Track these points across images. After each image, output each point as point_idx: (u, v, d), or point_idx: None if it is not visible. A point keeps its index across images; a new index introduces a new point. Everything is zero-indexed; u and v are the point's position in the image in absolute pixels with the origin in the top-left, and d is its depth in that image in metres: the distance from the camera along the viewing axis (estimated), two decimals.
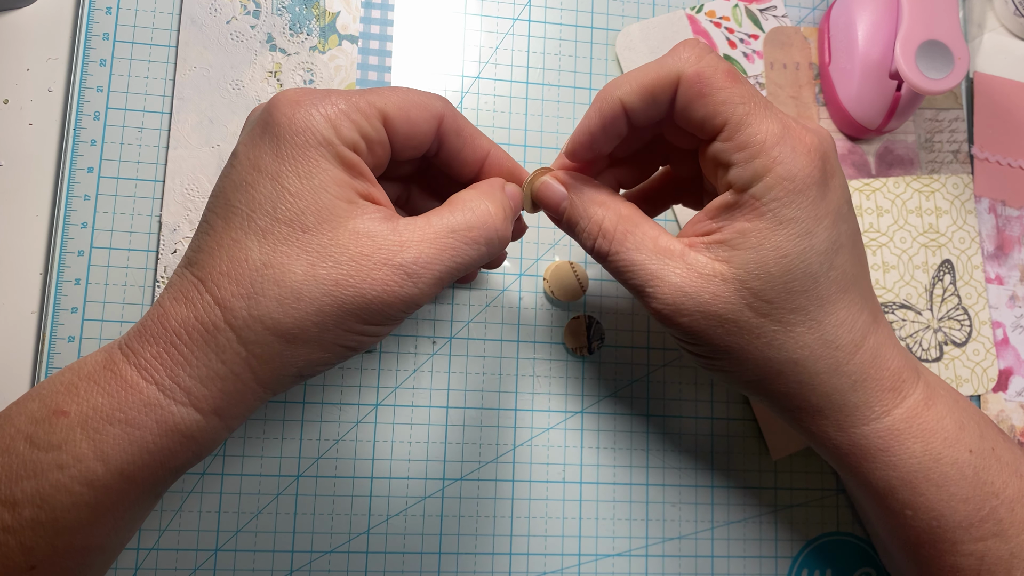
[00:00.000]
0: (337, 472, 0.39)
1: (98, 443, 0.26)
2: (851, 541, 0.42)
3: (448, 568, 0.39)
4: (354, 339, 0.29)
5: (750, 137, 0.29)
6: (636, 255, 0.30)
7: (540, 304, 0.41)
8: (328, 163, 0.28)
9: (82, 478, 0.26)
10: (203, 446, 0.28)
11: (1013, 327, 0.44)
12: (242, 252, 0.27)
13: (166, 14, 0.40)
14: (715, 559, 0.41)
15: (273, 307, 0.27)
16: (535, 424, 0.40)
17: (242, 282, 0.27)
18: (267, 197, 0.28)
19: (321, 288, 0.27)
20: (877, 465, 0.32)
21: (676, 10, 0.45)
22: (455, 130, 0.32)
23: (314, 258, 0.27)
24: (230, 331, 0.27)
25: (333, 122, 0.28)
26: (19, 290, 0.38)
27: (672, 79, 0.29)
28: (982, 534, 0.31)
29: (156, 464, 0.27)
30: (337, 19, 0.41)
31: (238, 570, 0.37)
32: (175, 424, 0.27)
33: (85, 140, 0.39)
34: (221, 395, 0.27)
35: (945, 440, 0.32)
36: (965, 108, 0.46)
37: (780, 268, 0.29)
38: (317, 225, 0.27)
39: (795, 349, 0.30)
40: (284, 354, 0.27)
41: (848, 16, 0.43)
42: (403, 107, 0.30)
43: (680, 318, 0.30)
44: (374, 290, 0.27)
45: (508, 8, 0.44)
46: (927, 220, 0.44)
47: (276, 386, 0.29)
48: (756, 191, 0.29)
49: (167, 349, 0.27)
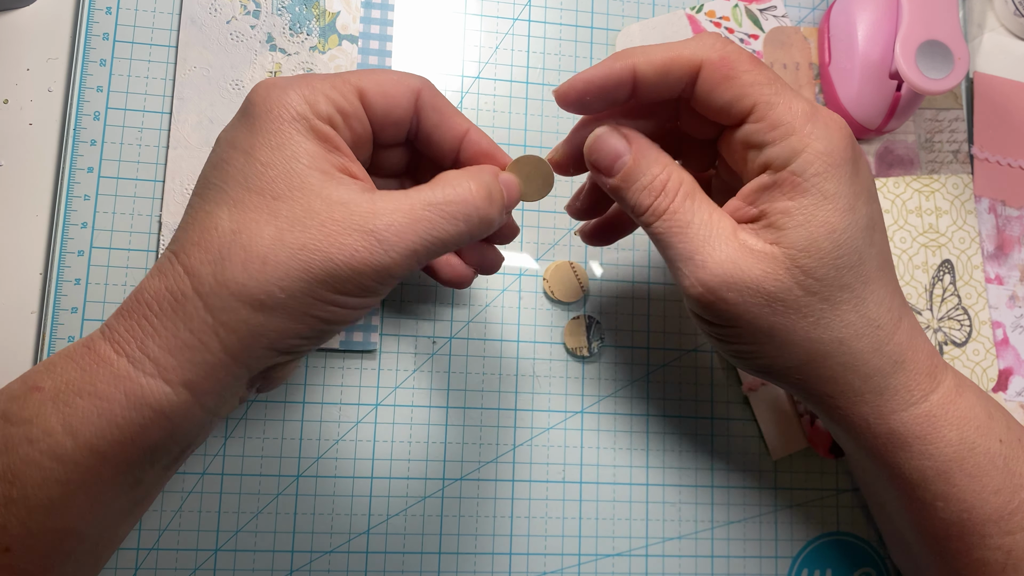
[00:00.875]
0: (337, 472, 0.39)
1: (67, 416, 0.26)
2: (851, 541, 0.42)
3: (448, 568, 0.39)
4: (327, 310, 0.28)
5: (782, 115, 0.29)
6: (692, 218, 0.30)
7: (540, 304, 0.41)
8: (302, 136, 0.28)
9: (51, 452, 0.26)
10: (176, 424, 0.27)
11: (1013, 327, 0.44)
12: (212, 221, 0.27)
13: (166, 14, 0.40)
14: (715, 559, 0.41)
15: (239, 271, 0.26)
16: (535, 424, 0.40)
17: (211, 249, 0.27)
18: (239, 170, 0.28)
19: (288, 252, 0.26)
20: (912, 454, 0.31)
21: (676, 10, 0.45)
22: (432, 106, 0.31)
23: (283, 223, 0.27)
24: (197, 298, 0.27)
25: (308, 98, 0.28)
26: (19, 290, 0.38)
27: (693, 62, 0.29)
28: (1011, 527, 0.31)
29: (126, 440, 0.26)
30: (337, 19, 0.41)
31: (238, 570, 0.37)
32: (143, 396, 0.26)
33: (85, 140, 0.39)
34: (190, 366, 0.27)
35: (978, 428, 0.31)
36: (965, 108, 0.46)
37: (830, 243, 0.29)
38: (288, 192, 0.27)
39: (840, 328, 0.30)
40: (251, 322, 0.27)
41: (848, 16, 0.43)
42: (379, 83, 0.30)
43: (727, 292, 0.29)
44: (342, 255, 0.27)
45: (508, 8, 0.44)
46: (927, 220, 0.44)
47: (248, 360, 0.28)
48: (796, 167, 0.28)
49: (139, 321, 0.27)
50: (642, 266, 0.43)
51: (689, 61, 0.29)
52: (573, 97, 0.31)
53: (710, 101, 0.30)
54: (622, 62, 0.30)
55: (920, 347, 0.32)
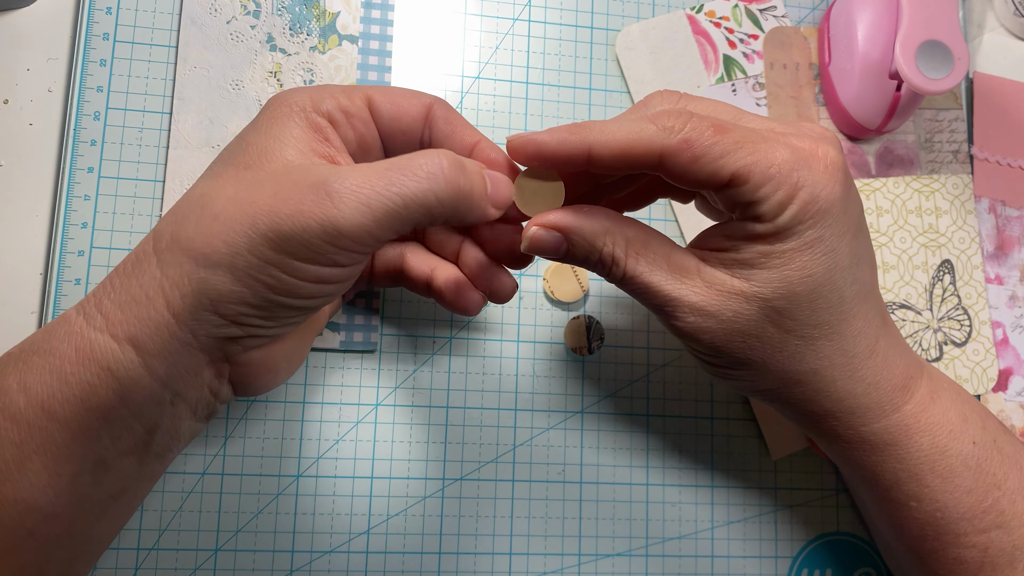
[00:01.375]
0: (337, 472, 0.39)
1: (23, 373, 0.26)
2: (851, 541, 0.42)
3: (448, 568, 0.39)
4: (271, 273, 0.26)
5: (765, 172, 0.28)
6: (650, 277, 0.30)
7: (540, 304, 0.41)
8: (294, 123, 0.29)
9: (5, 411, 0.26)
10: (126, 387, 0.27)
11: (1013, 327, 0.44)
12: (190, 192, 0.29)
13: (166, 14, 0.40)
14: (715, 559, 0.41)
15: (192, 227, 0.27)
16: (535, 424, 0.40)
17: (177, 212, 0.28)
18: (228, 151, 0.29)
19: (238, 207, 0.26)
20: (885, 458, 0.32)
21: (676, 10, 0.45)
22: (444, 118, 0.32)
23: (243, 186, 0.27)
24: (153, 255, 0.27)
25: (313, 97, 0.29)
26: (19, 290, 0.38)
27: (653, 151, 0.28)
28: (985, 525, 0.32)
29: (76, 400, 0.26)
30: (337, 19, 0.41)
31: (238, 570, 0.37)
32: (91, 351, 0.26)
33: (85, 140, 0.39)
34: (135, 321, 0.26)
35: (951, 433, 0.32)
36: (965, 108, 0.46)
37: (806, 288, 0.29)
38: (258, 162, 0.28)
39: (815, 360, 0.30)
40: (193, 277, 0.26)
41: (848, 16, 0.43)
42: (390, 93, 0.31)
43: (701, 336, 0.30)
44: (287, 207, 0.26)
45: (508, 8, 0.44)
46: (927, 220, 0.44)
47: (192, 323, 0.27)
48: (781, 221, 0.28)
49: (104, 284, 0.28)
50: None
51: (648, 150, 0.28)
52: (522, 155, 0.30)
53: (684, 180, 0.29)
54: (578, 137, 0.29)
55: (895, 364, 0.32)
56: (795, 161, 0.28)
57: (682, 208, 0.43)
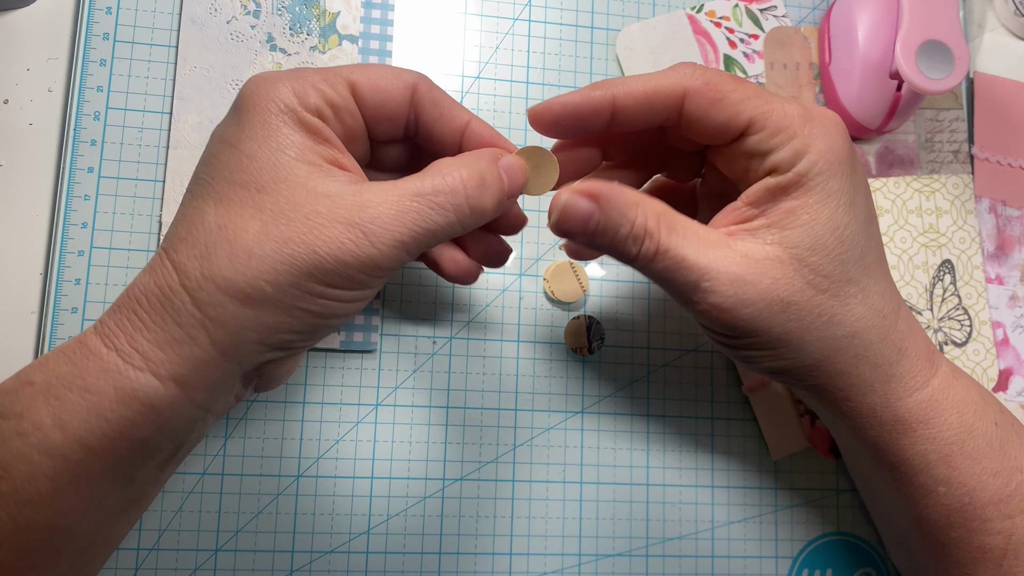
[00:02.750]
0: (337, 472, 0.39)
1: (57, 410, 0.26)
2: (851, 541, 0.42)
3: (448, 568, 0.39)
4: (317, 303, 0.27)
5: (780, 121, 0.29)
6: (685, 250, 0.29)
7: (540, 304, 0.41)
8: (289, 128, 0.28)
9: (40, 446, 0.26)
10: (166, 419, 0.27)
11: (1013, 327, 0.44)
12: (199, 216, 0.27)
13: (166, 14, 0.40)
14: (715, 559, 0.41)
15: (225, 266, 0.26)
16: (535, 424, 0.40)
17: (197, 244, 0.27)
18: (225, 163, 0.28)
19: (273, 245, 0.26)
20: (916, 439, 0.31)
21: (676, 10, 0.45)
22: (430, 100, 0.31)
23: (268, 216, 0.27)
24: (184, 293, 0.27)
25: (297, 91, 0.28)
26: (19, 290, 0.38)
27: (676, 91, 0.29)
28: (1010, 511, 0.31)
29: (115, 434, 0.26)
30: (337, 19, 0.41)
31: (238, 570, 0.37)
32: (133, 390, 0.26)
33: (85, 140, 0.39)
34: (179, 360, 0.27)
35: (976, 411, 0.32)
36: (965, 108, 0.46)
37: (835, 239, 0.29)
38: (272, 184, 0.27)
39: (852, 322, 0.30)
40: (239, 316, 0.27)
41: (848, 16, 0.43)
42: (372, 77, 0.30)
43: (743, 309, 0.29)
44: (326, 247, 0.26)
45: (508, 8, 0.44)
46: (927, 220, 0.44)
47: (237, 355, 0.27)
48: (801, 167, 0.29)
49: (128, 316, 0.27)
50: None
51: (671, 91, 0.29)
52: (548, 120, 0.30)
53: (702, 125, 0.29)
54: (601, 92, 0.29)
55: (918, 334, 0.32)
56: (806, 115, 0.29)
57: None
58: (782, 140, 0.29)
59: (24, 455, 0.26)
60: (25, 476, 0.26)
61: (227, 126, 0.29)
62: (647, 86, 0.29)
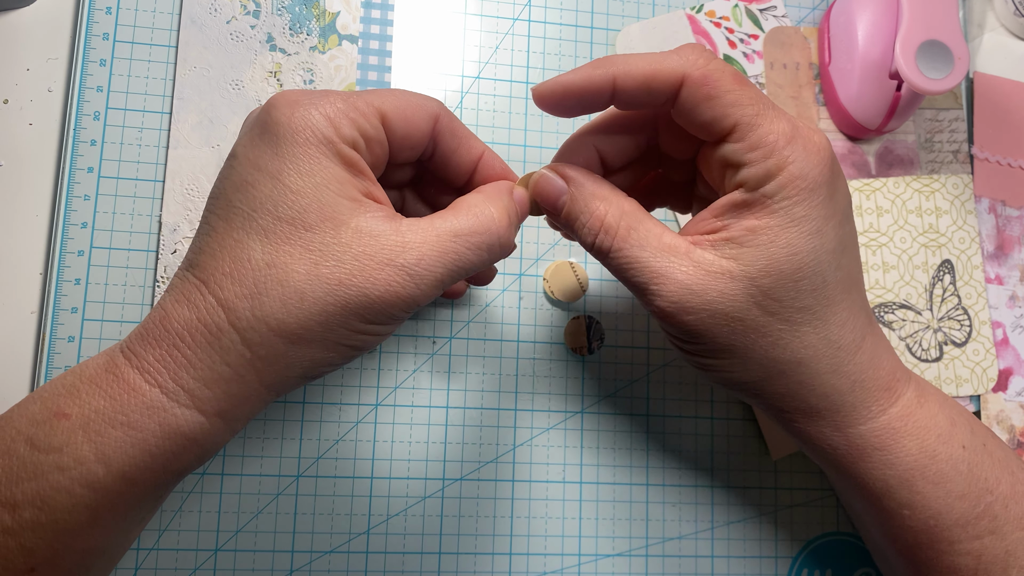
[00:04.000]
0: (337, 472, 0.39)
1: (100, 446, 0.26)
2: (851, 541, 0.42)
3: (448, 568, 0.39)
4: (358, 339, 0.28)
5: (762, 137, 0.28)
6: (640, 252, 0.30)
7: (540, 304, 0.41)
8: (329, 161, 0.28)
9: (83, 480, 0.26)
10: (206, 449, 0.28)
11: (1013, 327, 0.44)
12: (244, 252, 0.27)
13: (166, 14, 0.40)
14: (715, 559, 0.41)
15: (277, 307, 0.27)
16: (535, 424, 0.40)
17: (245, 283, 0.27)
18: (268, 196, 0.27)
19: (325, 287, 0.27)
20: (873, 464, 0.31)
21: (676, 10, 0.45)
22: (450, 131, 0.32)
23: (317, 257, 0.27)
24: (234, 332, 0.27)
25: (333, 121, 0.28)
26: (19, 290, 0.38)
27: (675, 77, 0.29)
28: (979, 532, 0.31)
29: (158, 467, 0.27)
30: (337, 19, 0.41)
31: (238, 570, 0.37)
32: (178, 427, 0.27)
33: (85, 140, 0.39)
34: (225, 397, 0.27)
35: (939, 437, 0.32)
36: (965, 108, 0.46)
37: (791, 265, 0.29)
38: (320, 223, 0.27)
39: (800, 349, 0.30)
40: (288, 355, 0.27)
41: (848, 16, 0.43)
42: (400, 107, 0.30)
43: (685, 316, 0.29)
44: (377, 290, 0.27)
45: (508, 8, 0.44)
46: (927, 220, 0.44)
47: (280, 388, 0.28)
48: (768, 189, 0.28)
49: (170, 352, 0.27)
50: None
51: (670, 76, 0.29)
52: (550, 99, 0.31)
53: (691, 117, 0.30)
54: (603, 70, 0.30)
55: (881, 364, 0.32)
56: (791, 136, 0.29)
57: None
58: (758, 156, 0.29)
59: (65, 489, 0.26)
60: (66, 508, 0.26)
61: (261, 152, 0.28)
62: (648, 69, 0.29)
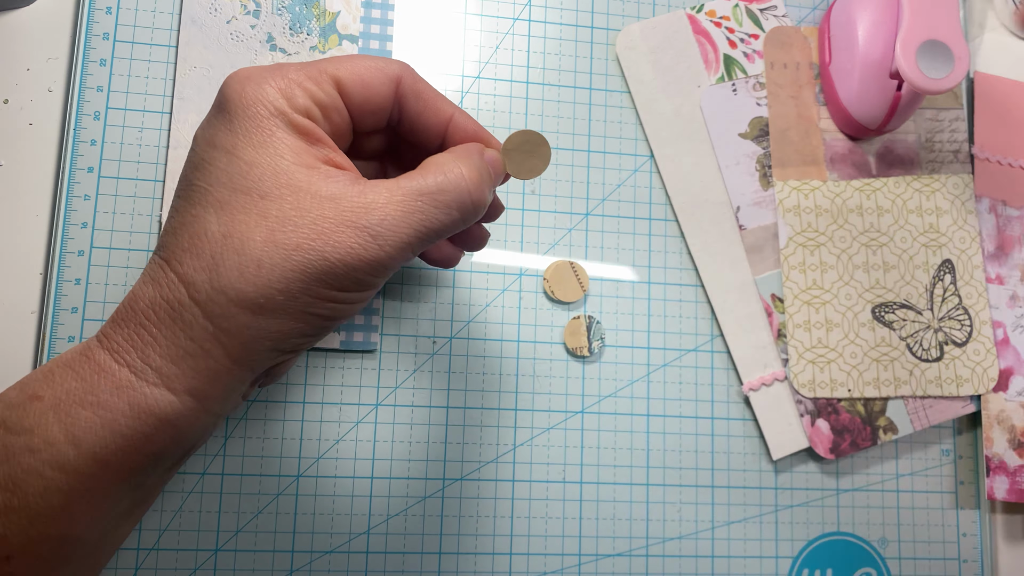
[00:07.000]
0: (337, 472, 0.39)
1: (69, 426, 0.26)
2: (851, 541, 0.42)
3: (448, 568, 0.39)
4: (327, 307, 0.28)
5: None
6: None
7: (540, 304, 0.41)
8: (283, 132, 0.28)
9: (53, 462, 0.25)
10: (181, 431, 0.27)
11: (1013, 327, 0.44)
12: (201, 226, 0.27)
13: (166, 14, 0.40)
14: (715, 559, 0.41)
15: (235, 277, 0.26)
16: (535, 424, 0.40)
17: (203, 255, 0.27)
18: (223, 170, 0.27)
19: (282, 253, 0.26)
20: None
21: (676, 10, 0.45)
22: (414, 93, 0.31)
23: (274, 224, 0.26)
24: (195, 306, 0.26)
25: (284, 92, 0.28)
26: (19, 290, 0.38)
27: None
28: None
29: (131, 449, 0.26)
30: (337, 19, 0.41)
31: (238, 570, 0.37)
32: (147, 406, 0.26)
33: (85, 140, 0.39)
34: (193, 373, 0.27)
35: None
36: (965, 108, 0.46)
37: None
38: (276, 191, 0.27)
39: None
40: (252, 326, 0.27)
41: (848, 16, 0.43)
42: (356, 72, 0.30)
43: None
44: (337, 253, 0.26)
45: (508, 8, 0.44)
46: (927, 220, 0.44)
47: (251, 363, 0.28)
48: None
49: (137, 331, 0.27)
50: (642, 266, 0.43)
51: None
52: None
53: None
54: None
55: None
56: None
57: (683, 210, 0.43)
58: None
59: (36, 471, 0.25)
60: (37, 491, 0.26)
61: (216, 130, 0.28)
62: None
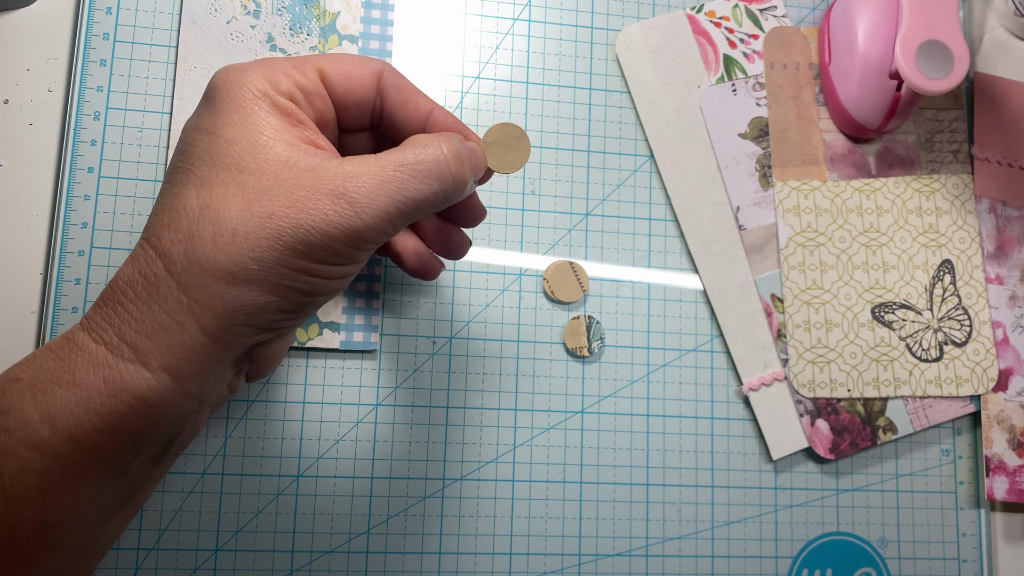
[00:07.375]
0: (337, 472, 0.39)
1: (45, 405, 0.26)
2: (851, 541, 0.42)
3: (448, 568, 0.39)
4: (303, 280, 0.27)
5: None
6: None
7: (540, 304, 0.41)
8: (265, 112, 0.28)
9: (28, 442, 0.25)
10: (158, 411, 0.27)
11: (1013, 327, 0.44)
12: (181, 202, 0.27)
13: (166, 14, 0.40)
14: (715, 559, 0.41)
15: (209, 247, 0.26)
16: (535, 424, 0.40)
17: (180, 228, 0.27)
18: (205, 150, 0.28)
19: (256, 221, 0.26)
20: None
21: (676, 10, 0.45)
22: (395, 87, 0.31)
23: (251, 195, 0.27)
24: (170, 278, 0.26)
25: (268, 77, 0.28)
26: (19, 290, 0.38)
27: None
28: None
29: (107, 428, 0.26)
30: (337, 19, 0.41)
31: (238, 570, 0.37)
32: (123, 383, 0.26)
33: (85, 140, 0.39)
34: (168, 348, 0.26)
35: None
36: (965, 108, 0.46)
37: None
38: (255, 165, 0.27)
39: None
40: (226, 297, 0.26)
41: (848, 16, 0.43)
42: (340, 63, 0.30)
43: None
44: (311, 219, 0.26)
45: (508, 8, 0.44)
46: (927, 220, 0.44)
47: (227, 339, 0.27)
48: None
49: (114, 308, 0.27)
50: (642, 266, 0.43)
51: None
52: None
53: None
54: None
55: None
56: None
57: (683, 210, 0.43)
58: None
59: (11, 451, 0.25)
60: (13, 472, 0.25)
61: (200, 116, 0.28)
62: None
